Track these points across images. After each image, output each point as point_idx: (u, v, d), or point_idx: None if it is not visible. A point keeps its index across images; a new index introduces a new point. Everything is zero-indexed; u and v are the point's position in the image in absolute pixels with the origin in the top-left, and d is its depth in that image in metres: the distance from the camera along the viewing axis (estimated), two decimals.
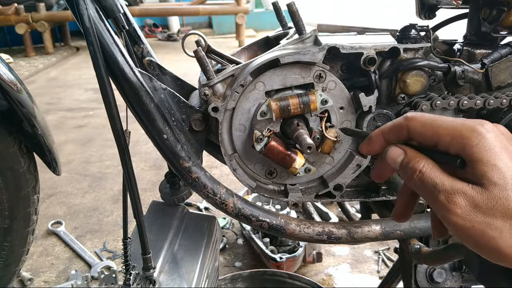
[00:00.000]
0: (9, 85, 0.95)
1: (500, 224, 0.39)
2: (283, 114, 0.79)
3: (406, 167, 0.45)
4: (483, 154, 0.40)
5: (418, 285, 1.00)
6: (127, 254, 0.84)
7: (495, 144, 0.40)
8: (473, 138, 0.41)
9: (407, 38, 0.85)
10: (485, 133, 0.41)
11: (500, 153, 0.40)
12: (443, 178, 0.42)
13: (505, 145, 0.41)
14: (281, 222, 0.87)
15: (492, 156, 0.40)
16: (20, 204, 1.12)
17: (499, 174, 0.39)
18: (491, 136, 0.41)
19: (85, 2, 0.69)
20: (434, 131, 0.44)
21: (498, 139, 0.41)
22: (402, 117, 0.47)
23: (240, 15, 5.90)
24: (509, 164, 0.40)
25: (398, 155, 0.46)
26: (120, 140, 0.75)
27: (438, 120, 0.44)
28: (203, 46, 0.89)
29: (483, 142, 0.40)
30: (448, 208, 0.41)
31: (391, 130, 0.48)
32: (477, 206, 0.40)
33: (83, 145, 2.74)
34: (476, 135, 0.41)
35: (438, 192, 0.42)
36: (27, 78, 4.53)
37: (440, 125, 0.43)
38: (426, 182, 0.43)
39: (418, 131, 0.45)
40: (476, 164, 0.40)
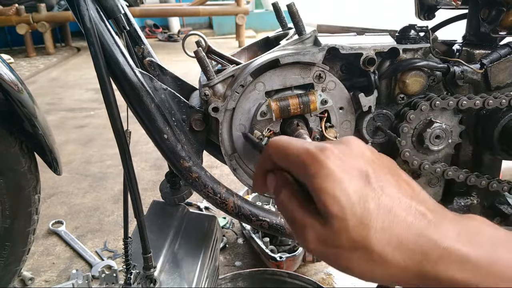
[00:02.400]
0: (10, 85, 0.95)
1: (347, 255, 0.39)
2: (283, 114, 0.79)
3: (275, 195, 0.45)
4: (323, 183, 0.39)
5: None
6: (127, 254, 0.84)
7: (335, 170, 0.39)
8: (312, 167, 0.39)
9: (407, 38, 0.85)
10: (325, 160, 0.39)
11: (339, 180, 0.38)
12: (297, 209, 0.42)
13: (347, 168, 0.39)
14: (281, 222, 0.87)
15: (332, 184, 0.38)
16: (21, 204, 1.12)
17: (338, 205, 0.38)
18: (330, 162, 0.39)
19: (86, 3, 0.69)
20: (286, 157, 0.43)
21: (338, 163, 0.39)
22: (268, 143, 0.47)
23: (240, 15, 5.90)
24: (348, 190, 0.38)
25: (271, 182, 0.46)
26: (120, 140, 0.76)
27: (290, 145, 0.43)
28: (204, 46, 0.89)
29: (323, 171, 0.39)
30: (301, 238, 0.41)
31: (262, 162, 0.47)
32: (324, 240, 0.39)
33: (84, 145, 2.75)
34: (315, 163, 0.39)
35: (293, 222, 0.42)
36: (28, 78, 4.54)
37: (289, 151, 0.42)
38: (284, 209, 0.43)
39: (275, 157, 0.44)
40: (317, 194, 0.39)
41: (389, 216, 0.38)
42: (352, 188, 0.39)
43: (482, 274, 0.37)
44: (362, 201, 0.38)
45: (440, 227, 0.39)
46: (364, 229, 0.38)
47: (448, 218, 0.40)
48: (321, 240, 0.40)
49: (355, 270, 0.40)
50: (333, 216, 0.38)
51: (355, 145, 0.43)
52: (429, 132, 0.87)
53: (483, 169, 0.96)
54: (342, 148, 0.42)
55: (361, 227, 0.38)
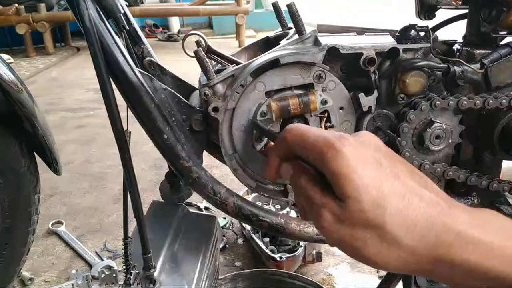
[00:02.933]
0: (10, 85, 0.95)
1: (362, 235, 0.41)
2: (283, 114, 0.79)
3: (294, 181, 0.47)
4: (339, 168, 0.41)
5: (418, 285, 1.00)
6: (127, 254, 0.84)
7: (350, 157, 0.41)
8: (329, 153, 0.42)
9: (407, 38, 0.85)
10: (341, 148, 0.41)
11: (355, 166, 0.41)
12: (316, 192, 0.44)
13: (361, 156, 0.42)
14: (281, 222, 0.87)
15: (348, 169, 0.40)
16: (21, 204, 1.12)
17: (354, 186, 0.40)
18: (346, 150, 0.41)
19: (85, 3, 0.69)
20: (303, 144, 0.45)
21: (353, 151, 0.42)
22: (284, 130, 0.48)
23: (240, 15, 5.90)
24: (363, 174, 0.40)
25: (287, 171, 0.48)
26: (120, 140, 0.76)
27: (308, 133, 0.45)
28: (203, 46, 0.89)
29: (339, 157, 0.41)
30: (318, 220, 0.43)
31: (277, 146, 0.49)
32: (340, 219, 0.41)
33: (84, 145, 2.75)
34: (332, 151, 0.42)
35: (311, 205, 0.44)
36: (27, 78, 4.53)
37: (307, 138, 0.45)
38: (304, 194, 0.45)
39: (291, 144, 0.46)
40: (334, 179, 0.41)
41: (403, 201, 0.40)
42: (367, 173, 0.41)
43: (496, 257, 0.38)
44: (377, 184, 0.40)
45: (453, 214, 0.40)
46: (379, 209, 0.40)
47: (461, 207, 0.42)
48: (337, 219, 0.41)
49: (367, 252, 0.41)
50: (349, 197, 0.40)
51: (370, 137, 0.45)
52: (429, 132, 0.87)
53: (484, 169, 0.96)
54: (358, 139, 0.44)
55: (376, 208, 0.40)
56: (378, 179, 0.41)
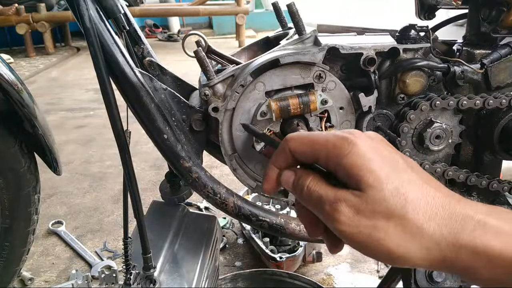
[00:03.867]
0: (10, 85, 0.95)
1: (383, 225, 0.40)
2: (283, 114, 0.79)
3: (296, 185, 0.46)
4: (356, 160, 0.41)
5: (418, 285, 1.00)
6: (127, 254, 0.84)
7: (366, 149, 0.42)
8: (345, 147, 0.42)
9: (407, 38, 0.85)
10: (355, 141, 0.42)
11: (371, 157, 0.41)
12: (327, 189, 0.43)
13: (376, 149, 0.42)
14: (281, 222, 0.87)
15: (366, 160, 0.41)
16: (21, 204, 1.12)
17: (374, 176, 0.40)
18: (360, 142, 0.42)
19: (85, 3, 0.69)
20: (312, 147, 0.45)
21: (367, 144, 0.42)
22: (283, 141, 0.47)
23: (240, 15, 5.90)
24: (382, 165, 0.41)
25: (289, 177, 0.47)
26: (120, 140, 0.76)
27: (314, 136, 0.45)
28: (203, 46, 0.89)
29: (355, 149, 0.41)
30: (334, 217, 0.42)
31: (277, 157, 0.48)
32: (359, 210, 0.41)
33: (84, 145, 2.75)
34: (347, 144, 0.42)
35: (323, 203, 0.43)
36: (27, 78, 4.53)
37: (316, 140, 0.45)
38: (312, 196, 0.44)
39: (298, 150, 0.46)
40: (352, 171, 0.41)
41: (421, 189, 0.41)
42: (385, 163, 0.41)
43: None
44: (396, 174, 0.41)
45: (469, 203, 0.41)
46: (401, 198, 0.40)
47: (474, 202, 0.42)
48: (356, 210, 0.41)
49: (389, 243, 0.40)
50: (369, 186, 0.40)
51: (377, 134, 0.46)
52: (429, 132, 0.87)
53: (484, 169, 0.96)
54: (367, 134, 0.45)
55: (398, 196, 0.40)
56: (396, 169, 0.41)
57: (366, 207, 0.40)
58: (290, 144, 0.46)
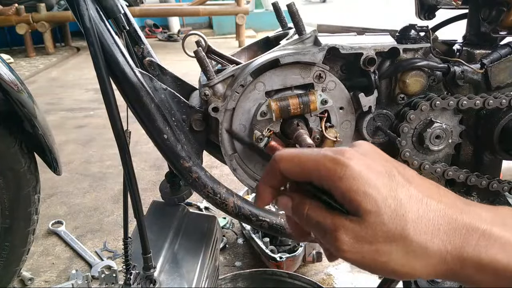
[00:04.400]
0: (10, 85, 0.95)
1: (386, 249, 0.39)
2: (283, 114, 0.79)
3: (296, 212, 0.45)
4: (351, 184, 0.39)
5: (418, 285, 1.00)
6: (127, 254, 0.84)
7: (360, 170, 0.39)
8: (338, 170, 0.40)
9: (407, 38, 0.85)
10: (348, 162, 0.40)
11: (367, 178, 0.39)
12: (326, 217, 0.42)
13: (371, 167, 0.40)
14: (281, 222, 0.87)
15: (360, 183, 0.39)
16: (21, 204, 1.12)
17: (371, 200, 0.39)
18: (354, 162, 0.40)
19: (85, 3, 0.69)
20: (302, 168, 0.43)
21: (361, 162, 0.40)
22: (272, 159, 0.45)
23: (240, 15, 5.90)
24: (378, 185, 0.39)
25: (286, 203, 0.45)
26: (120, 140, 0.76)
27: (303, 155, 0.43)
28: (203, 46, 0.89)
29: (348, 172, 0.39)
30: (335, 245, 0.40)
31: (268, 177, 0.46)
32: (360, 237, 0.39)
33: (84, 145, 2.75)
34: (340, 167, 0.40)
35: (324, 232, 0.41)
36: (27, 78, 4.53)
37: (305, 160, 0.42)
38: (312, 224, 0.43)
39: (287, 171, 0.44)
40: (348, 196, 0.39)
41: (421, 205, 0.39)
42: (381, 183, 0.39)
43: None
44: (393, 194, 0.39)
45: (473, 212, 0.39)
46: (400, 220, 0.38)
47: (478, 206, 0.41)
48: (356, 238, 0.39)
49: (394, 265, 0.39)
50: (367, 212, 0.39)
51: (369, 146, 0.44)
52: (429, 132, 0.87)
53: (483, 169, 0.96)
54: (358, 150, 0.42)
55: (397, 218, 0.38)
56: (393, 188, 0.39)
57: (366, 233, 0.39)
58: (280, 165, 0.44)
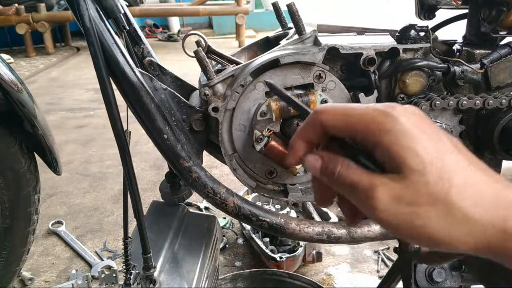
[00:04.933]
0: (10, 85, 0.95)
1: (425, 211, 0.37)
2: (283, 114, 0.79)
3: (325, 172, 0.42)
4: (399, 139, 0.37)
5: (418, 285, 1.00)
6: (127, 254, 0.84)
7: (410, 127, 0.38)
8: (386, 122, 0.38)
9: (407, 38, 0.85)
10: (398, 116, 0.38)
11: (416, 136, 0.37)
12: (361, 175, 0.39)
13: (420, 126, 0.38)
14: (281, 222, 0.87)
15: (409, 139, 0.37)
16: (21, 204, 1.12)
17: (417, 158, 0.37)
18: (404, 118, 0.38)
19: (85, 3, 0.69)
20: (346, 120, 0.40)
21: (412, 120, 0.38)
22: (313, 112, 0.43)
23: (240, 15, 5.90)
24: (426, 146, 0.37)
25: (315, 162, 0.43)
26: (120, 140, 0.76)
27: (350, 109, 0.41)
28: (203, 46, 0.89)
29: (398, 126, 0.37)
30: (370, 204, 0.38)
31: (305, 129, 0.44)
32: (399, 196, 0.37)
33: (84, 145, 2.75)
34: (390, 119, 0.38)
35: (358, 191, 0.39)
36: (27, 78, 4.53)
37: (352, 113, 0.40)
38: (345, 183, 0.40)
39: (330, 123, 0.41)
40: (394, 151, 0.37)
41: (468, 173, 0.38)
42: (429, 144, 0.38)
43: None
44: (441, 156, 0.37)
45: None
46: (445, 183, 0.37)
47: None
48: (395, 196, 0.37)
49: (431, 229, 0.37)
50: (411, 169, 0.37)
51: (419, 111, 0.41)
52: None
53: None
54: (409, 109, 0.40)
55: (442, 181, 0.37)
56: (441, 151, 0.38)
57: (406, 193, 0.37)
58: (322, 116, 0.42)
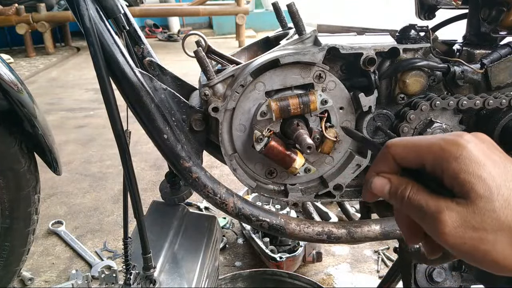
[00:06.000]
0: (10, 85, 0.95)
1: (491, 237, 0.38)
2: (283, 114, 0.79)
3: (395, 195, 0.44)
4: (467, 165, 0.39)
5: (418, 285, 1.00)
6: (127, 254, 0.84)
7: (477, 154, 0.39)
8: (454, 150, 0.40)
9: (407, 38, 0.85)
10: (466, 144, 0.40)
11: (483, 163, 0.39)
12: (428, 199, 0.41)
13: (487, 154, 0.40)
14: (281, 222, 0.87)
15: (476, 166, 0.39)
16: (21, 204, 1.12)
17: (485, 185, 0.38)
18: (472, 146, 0.40)
19: (85, 3, 0.69)
20: (416, 152, 0.43)
21: (479, 148, 0.40)
22: (384, 147, 0.46)
23: (240, 15, 5.90)
24: (493, 173, 0.39)
25: (384, 185, 0.45)
26: (120, 140, 0.76)
27: (418, 140, 0.43)
28: (203, 46, 0.89)
29: (465, 153, 0.39)
30: (437, 227, 0.40)
31: (379, 164, 0.46)
32: (465, 221, 0.39)
33: (84, 145, 2.75)
34: (457, 147, 0.40)
35: (425, 214, 0.41)
36: (27, 78, 4.53)
37: (421, 144, 0.43)
38: (414, 206, 0.42)
39: (401, 156, 0.44)
40: (461, 177, 0.39)
41: None
42: (496, 171, 0.39)
43: None
44: (507, 184, 0.39)
45: None
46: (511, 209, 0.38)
47: None
48: (461, 221, 0.39)
49: (496, 255, 0.39)
50: (479, 196, 0.38)
51: (486, 137, 0.43)
52: (429, 132, 0.87)
53: None
54: (476, 136, 0.42)
55: (508, 208, 0.38)
56: (508, 178, 0.39)
57: (473, 218, 0.38)
58: (392, 150, 0.44)
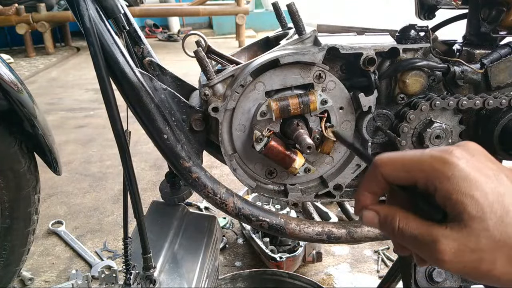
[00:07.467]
0: (10, 85, 0.95)
1: (489, 256, 0.38)
2: (283, 114, 0.79)
3: (384, 227, 0.44)
4: (459, 185, 0.38)
5: (418, 285, 1.00)
6: (127, 254, 0.84)
7: (469, 171, 0.38)
8: (446, 170, 0.39)
9: (407, 38, 0.85)
10: (457, 162, 0.39)
11: (475, 180, 0.38)
12: (420, 227, 0.40)
13: (479, 168, 0.39)
14: (281, 222, 0.87)
15: (468, 185, 0.38)
16: (21, 204, 1.12)
17: (477, 205, 0.37)
18: (463, 163, 0.39)
19: (85, 3, 0.69)
20: (406, 171, 0.42)
21: (470, 164, 0.39)
22: (372, 165, 0.44)
23: (240, 15, 5.90)
24: (486, 189, 0.38)
25: (372, 218, 0.44)
26: (120, 140, 0.76)
27: (408, 159, 0.42)
28: (203, 46, 0.89)
29: (456, 172, 0.38)
30: (436, 257, 0.39)
31: (368, 182, 0.45)
32: (462, 245, 0.38)
33: (84, 145, 2.75)
34: (448, 166, 0.39)
35: (421, 244, 0.40)
36: (27, 78, 4.53)
37: (411, 163, 0.42)
38: (406, 237, 0.41)
39: (391, 175, 0.43)
40: (453, 198, 0.38)
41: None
42: (489, 188, 0.38)
43: None
44: (500, 199, 0.38)
45: None
46: (506, 227, 0.37)
47: None
48: (458, 246, 0.38)
49: (498, 271, 0.38)
50: (472, 217, 0.37)
51: (475, 146, 0.42)
52: (429, 132, 0.87)
53: None
54: (465, 149, 0.41)
55: (503, 225, 0.37)
56: (500, 193, 0.38)
57: (469, 241, 0.38)
58: (382, 169, 0.43)
